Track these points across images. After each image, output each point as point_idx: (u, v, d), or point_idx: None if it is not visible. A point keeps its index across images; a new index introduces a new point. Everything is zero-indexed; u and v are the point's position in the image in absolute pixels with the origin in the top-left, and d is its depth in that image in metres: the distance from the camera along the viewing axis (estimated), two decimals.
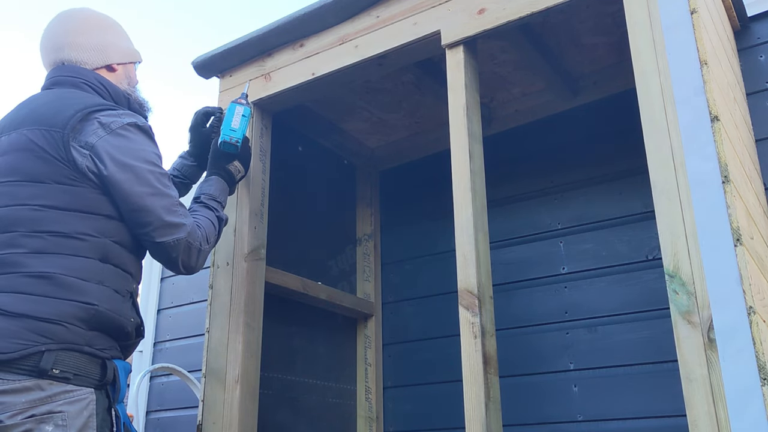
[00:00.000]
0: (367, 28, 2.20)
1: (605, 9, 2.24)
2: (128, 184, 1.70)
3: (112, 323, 1.67)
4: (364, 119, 2.93)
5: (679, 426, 1.79)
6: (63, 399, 1.54)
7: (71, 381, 1.56)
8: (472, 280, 1.79)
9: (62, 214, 1.65)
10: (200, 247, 1.83)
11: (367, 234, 3.10)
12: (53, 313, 1.57)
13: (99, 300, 1.64)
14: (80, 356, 1.60)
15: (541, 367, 2.59)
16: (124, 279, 1.74)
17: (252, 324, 2.22)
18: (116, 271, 1.71)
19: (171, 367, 3.41)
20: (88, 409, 1.57)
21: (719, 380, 1.36)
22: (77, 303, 1.60)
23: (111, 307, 1.66)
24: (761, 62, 2.41)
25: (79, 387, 1.57)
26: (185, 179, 2.29)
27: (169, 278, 4.04)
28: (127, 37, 1.99)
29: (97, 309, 1.63)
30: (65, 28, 1.89)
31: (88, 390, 1.59)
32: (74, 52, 1.85)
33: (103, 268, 1.67)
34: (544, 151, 2.82)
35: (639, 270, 2.48)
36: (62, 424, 1.51)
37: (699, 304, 1.42)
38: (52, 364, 1.53)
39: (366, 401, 2.88)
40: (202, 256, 1.85)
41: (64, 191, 1.66)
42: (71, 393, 1.55)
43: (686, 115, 1.54)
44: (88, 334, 1.62)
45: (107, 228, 1.70)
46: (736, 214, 1.43)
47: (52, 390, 1.53)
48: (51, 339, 1.55)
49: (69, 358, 1.57)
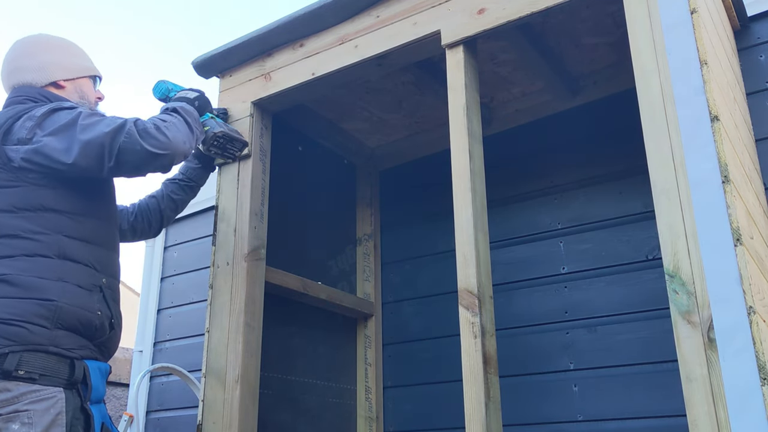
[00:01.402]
0: (367, 28, 2.20)
1: (605, 9, 2.24)
2: (62, 139, 1.72)
3: (76, 318, 1.70)
4: (364, 119, 2.93)
5: (679, 426, 1.79)
6: (29, 398, 1.59)
7: (37, 381, 1.61)
8: (472, 280, 1.79)
9: (8, 217, 1.70)
10: (156, 124, 1.79)
11: (367, 234, 3.10)
12: (13, 313, 1.62)
13: (58, 296, 1.68)
14: (46, 357, 1.64)
15: (541, 367, 2.59)
16: (88, 273, 1.77)
17: (252, 324, 2.22)
18: (76, 266, 1.75)
19: (171, 367, 3.41)
20: (56, 407, 1.62)
21: (719, 380, 1.36)
22: (36, 300, 1.65)
23: (72, 302, 1.70)
24: (761, 62, 2.41)
25: (46, 386, 1.62)
26: (191, 182, 2.34)
27: (169, 278, 4.04)
28: (78, 55, 2.03)
29: (57, 304, 1.67)
30: (14, 54, 1.97)
31: (56, 389, 1.64)
32: (21, 74, 1.93)
33: (61, 264, 1.72)
34: (544, 151, 2.82)
35: (639, 270, 2.48)
36: (28, 422, 1.57)
37: (699, 304, 1.42)
38: (16, 365, 1.59)
39: (366, 401, 2.88)
40: (169, 128, 1.81)
41: (6, 194, 1.72)
42: (37, 392, 1.61)
43: (686, 115, 1.54)
44: (54, 334, 1.66)
45: (59, 224, 1.74)
46: (736, 214, 1.43)
47: (18, 390, 1.59)
48: (13, 341, 1.60)
49: (34, 359, 1.62)
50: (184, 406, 3.63)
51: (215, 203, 2.40)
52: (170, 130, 1.81)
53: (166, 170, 1.86)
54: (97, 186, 1.87)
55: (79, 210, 1.79)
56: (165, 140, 1.77)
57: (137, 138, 1.73)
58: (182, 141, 1.84)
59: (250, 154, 2.35)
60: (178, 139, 1.82)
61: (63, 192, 1.76)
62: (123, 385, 4.65)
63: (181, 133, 1.86)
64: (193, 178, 2.34)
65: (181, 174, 2.34)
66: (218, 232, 2.35)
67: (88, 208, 1.82)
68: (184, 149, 1.85)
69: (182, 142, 1.84)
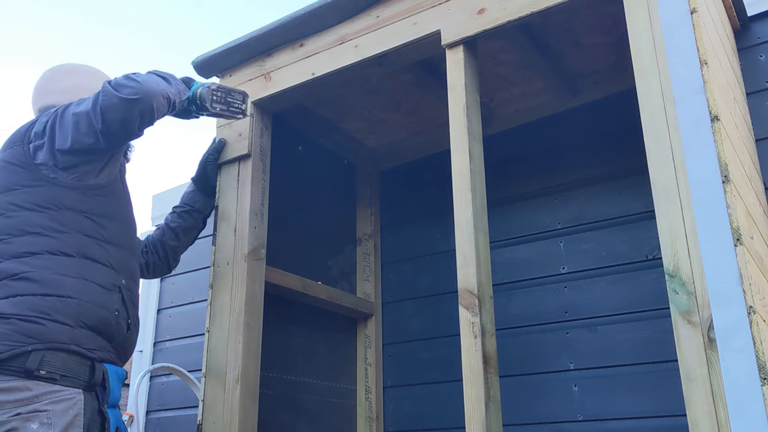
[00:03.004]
0: (366, 27, 2.20)
1: (605, 9, 2.24)
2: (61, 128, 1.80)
3: (96, 317, 1.73)
4: (363, 119, 2.93)
5: (679, 426, 1.79)
6: (49, 398, 1.60)
7: (58, 381, 1.63)
8: (472, 280, 1.79)
9: (31, 215, 1.75)
10: (127, 75, 1.82)
11: (367, 234, 3.10)
12: (35, 310, 1.64)
13: (79, 293, 1.71)
14: (68, 357, 1.66)
15: (541, 367, 2.59)
16: (107, 273, 1.81)
17: (252, 324, 2.22)
18: (96, 265, 1.78)
19: (171, 367, 3.41)
20: (75, 408, 1.63)
21: (719, 380, 1.36)
22: (57, 297, 1.67)
23: (92, 300, 1.73)
24: (761, 62, 2.41)
25: (66, 387, 1.64)
26: (186, 206, 2.38)
27: (170, 278, 4.03)
28: (99, 78, 2.08)
29: (78, 302, 1.70)
30: (41, 81, 2.08)
31: (76, 390, 1.66)
32: (46, 98, 2.01)
33: (82, 263, 1.75)
34: (544, 151, 2.82)
35: (639, 270, 2.48)
36: (47, 422, 1.58)
37: (699, 304, 1.42)
38: (38, 365, 1.61)
39: (366, 401, 2.88)
40: (139, 76, 1.83)
41: (29, 193, 1.77)
42: (57, 393, 1.62)
43: (686, 115, 1.54)
44: (76, 333, 1.68)
45: (79, 223, 1.78)
46: (736, 213, 1.43)
47: (38, 390, 1.60)
48: (36, 339, 1.62)
49: (56, 359, 1.63)
50: (184, 406, 3.62)
51: (215, 203, 2.40)
52: (140, 77, 1.84)
53: (151, 118, 1.84)
54: (112, 189, 1.92)
55: (97, 211, 1.84)
56: (136, 84, 1.79)
57: (112, 92, 1.76)
58: (155, 83, 1.84)
59: (250, 153, 2.35)
60: (150, 81, 1.83)
61: (81, 193, 1.82)
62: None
63: (153, 79, 1.86)
64: (188, 202, 2.37)
65: (180, 202, 2.39)
66: (218, 232, 2.35)
67: (105, 210, 1.87)
68: (159, 91, 1.83)
69: (155, 84, 1.84)
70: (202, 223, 2.41)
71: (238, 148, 2.38)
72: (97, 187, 1.86)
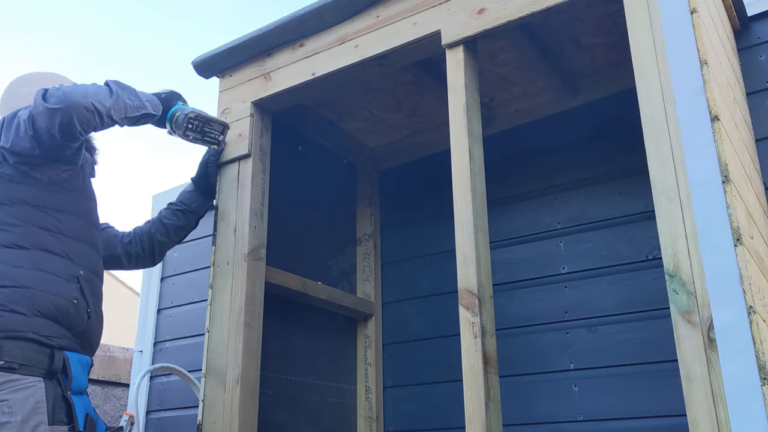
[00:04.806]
0: (366, 27, 2.20)
1: (605, 9, 2.24)
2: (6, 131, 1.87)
3: (52, 305, 1.76)
4: (363, 119, 2.93)
5: (679, 426, 1.79)
6: (8, 387, 1.63)
7: (17, 370, 1.65)
8: (472, 280, 1.79)
9: None
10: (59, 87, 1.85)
11: (367, 234, 3.10)
12: None
13: (33, 283, 1.75)
14: (26, 345, 1.69)
15: (541, 367, 2.59)
16: (64, 264, 1.84)
17: (252, 324, 2.22)
18: (52, 256, 1.82)
19: (171, 367, 3.41)
20: (35, 395, 1.66)
21: (719, 380, 1.36)
22: (11, 288, 1.71)
23: (48, 289, 1.76)
24: (761, 62, 2.41)
25: (26, 376, 1.66)
26: (182, 205, 2.38)
27: (169, 278, 4.04)
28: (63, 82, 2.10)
29: (32, 291, 1.73)
30: (6, 90, 2.14)
31: (36, 378, 1.68)
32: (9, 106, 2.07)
33: (36, 254, 1.79)
34: (544, 151, 2.82)
35: (639, 270, 2.48)
36: (8, 410, 1.61)
37: (699, 304, 1.42)
38: None
39: (366, 401, 2.88)
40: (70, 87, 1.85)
41: None
42: (17, 381, 1.65)
43: (686, 115, 1.54)
44: (32, 321, 1.71)
45: (34, 217, 1.83)
46: (736, 213, 1.43)
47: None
48: None
49: (14, 347, 1.66)
50: (184, 406, 3.62)
51: (215, 203, 2.40)
52: (71, 88, 1.86)
53: (71, 128, 1.83)
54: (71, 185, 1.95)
55: (54, 206, 1.88)
56: (61, 95, 1.82)
57: (41, 101, 1.81)
58: (81, 95, 1.84)
59: (250, 153, 2.36)
60: (77, 93, 1.84)
61: (37, 189, 1.87)
62: (123, 385, 4.64)
63: (85, 91, 1.86)
64: (184, 201, 2.39)
65: (176, 199, 2.40)
66: (218, 232, 2.35)
67: (63, 205, 1.90)
68: (82, 103, 1.82)
69: (81, 96, 1.84)
70: (195, 223, 2.42)
71: (238, 148, 2.38)
72: (55, 183, 1.90)
